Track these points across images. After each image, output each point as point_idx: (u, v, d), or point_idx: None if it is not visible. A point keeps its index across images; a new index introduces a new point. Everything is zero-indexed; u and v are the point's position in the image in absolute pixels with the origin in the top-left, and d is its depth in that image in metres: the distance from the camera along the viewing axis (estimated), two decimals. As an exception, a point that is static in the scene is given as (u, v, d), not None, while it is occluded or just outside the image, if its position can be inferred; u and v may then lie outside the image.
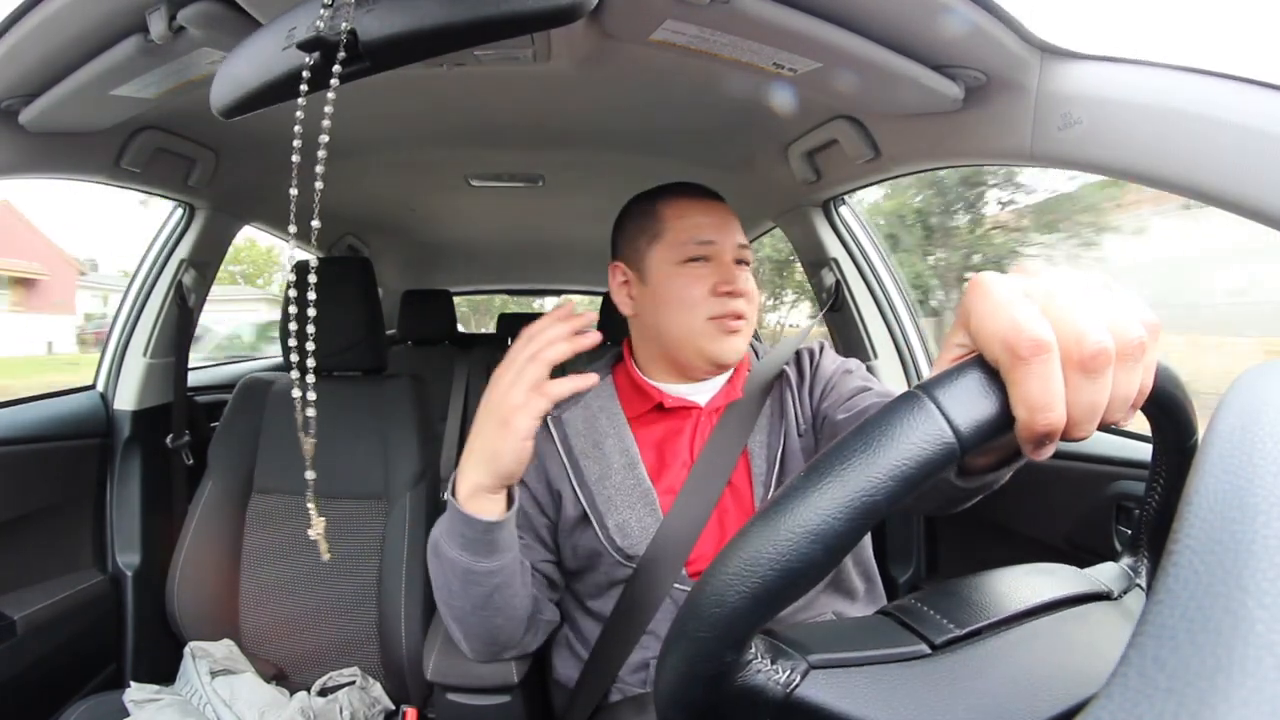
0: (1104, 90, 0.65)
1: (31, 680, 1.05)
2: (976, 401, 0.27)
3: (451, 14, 0.46)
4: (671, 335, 0.80)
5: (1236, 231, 2.18)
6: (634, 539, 0.76)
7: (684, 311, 0.78)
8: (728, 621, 0.26)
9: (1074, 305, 0.28)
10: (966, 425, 0.26)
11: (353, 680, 1.05)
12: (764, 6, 0.64)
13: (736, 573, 0.26)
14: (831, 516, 0.25)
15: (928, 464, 0.25)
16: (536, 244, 2.38)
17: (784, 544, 0.25)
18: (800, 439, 0.80)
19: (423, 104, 1.06)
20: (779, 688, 0.29)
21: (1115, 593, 0.38)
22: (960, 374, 0.28)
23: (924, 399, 0.27)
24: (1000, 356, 0.28)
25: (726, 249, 0.80)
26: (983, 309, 0.29)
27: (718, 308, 0.78)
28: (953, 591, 0.36)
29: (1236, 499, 0.21)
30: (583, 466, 0.80)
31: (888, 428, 0.26)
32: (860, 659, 0.31)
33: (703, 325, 0.78)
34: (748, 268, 0.82)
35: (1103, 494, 0.90)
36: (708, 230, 0.80)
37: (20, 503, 1.10)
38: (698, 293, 0.78)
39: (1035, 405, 0.27)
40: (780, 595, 0.26)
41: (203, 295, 1.38)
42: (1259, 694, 0.17)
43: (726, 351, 0.79)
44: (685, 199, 0.83)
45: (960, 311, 0.31)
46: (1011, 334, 0.27)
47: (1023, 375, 0.27)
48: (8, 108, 0.81)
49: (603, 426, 0.82)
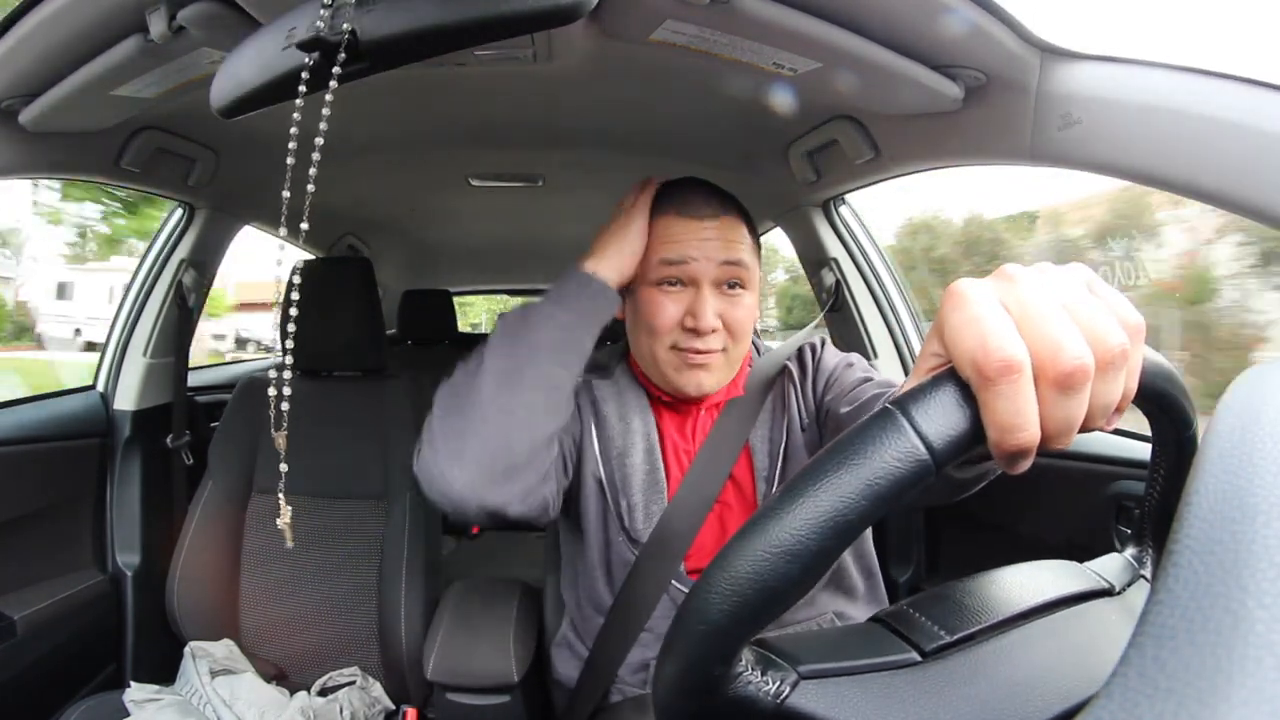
0: (1104, 90, 0.65)
1: (31, 680, 1.05)
2: (949, 417, 0.27)
3: (451, 14, 0.46)
4: (642, 354, 0.79)
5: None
6: (641, 523, 0.76)
7: (650, 337, 0.75)
8: (712, 638, 0.27)
9: (1049, 317, 0.27)
10: (940, 441, 0.26)
11: (353, 680, 1.05)
12: (764, 6, 0.64)
13: (719, 590, 0.26)
14: (805, 536, 0.25)
15: (900, 481, 0.25)
16: (536, 244, 2.38)
17: (761, 563, 0.26)
18: (804, 433, 0.79)
19: (423, 104, 1.06)
20: (769, 699, 0.29)
21: (1117, 587, 0.38)
22: (933, 389, 0.28)
23: (896, 415, 0.26)
24: (970, 375, 0.27)
25: (705, 271, 0.73)
26: (955, 321, 0.28)
27: (682, 340, 0.74)
28: (947, 596, 0.36)
29: (1236, 499, 0.21)
30: (610, 436, 0.79)
31: (861, 445, 0.26)
32: (850, 668, 0.31)
33: (667, 354, 0.75)
34: (741, 291, 0.75)
35: (1103, 494, 0.90)
36: (686, 247, 0.73)
37: (20, 503, 1.10)
38: (664, 319, 0.73)
39: (1004, 426, 0.26)
40: (761, 613, 0.26)
41: (203, 295, 1.38)
42: (1259, 694, 0.17)
43: (688, 385, 0.75)
44: (674, 212, 0.75)
45: (936, 321, 0.30)
46: (980, 354, 0.26)
47: (992, 396, 0.26)
48: (8, 108, 0.81)
49: (630, 403, 0.81)
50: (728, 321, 0.74)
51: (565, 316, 0.68)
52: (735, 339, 0.75)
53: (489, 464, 0.62)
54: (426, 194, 1.73)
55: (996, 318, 0.28)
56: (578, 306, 0.69)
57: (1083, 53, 0.67)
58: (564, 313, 0.68)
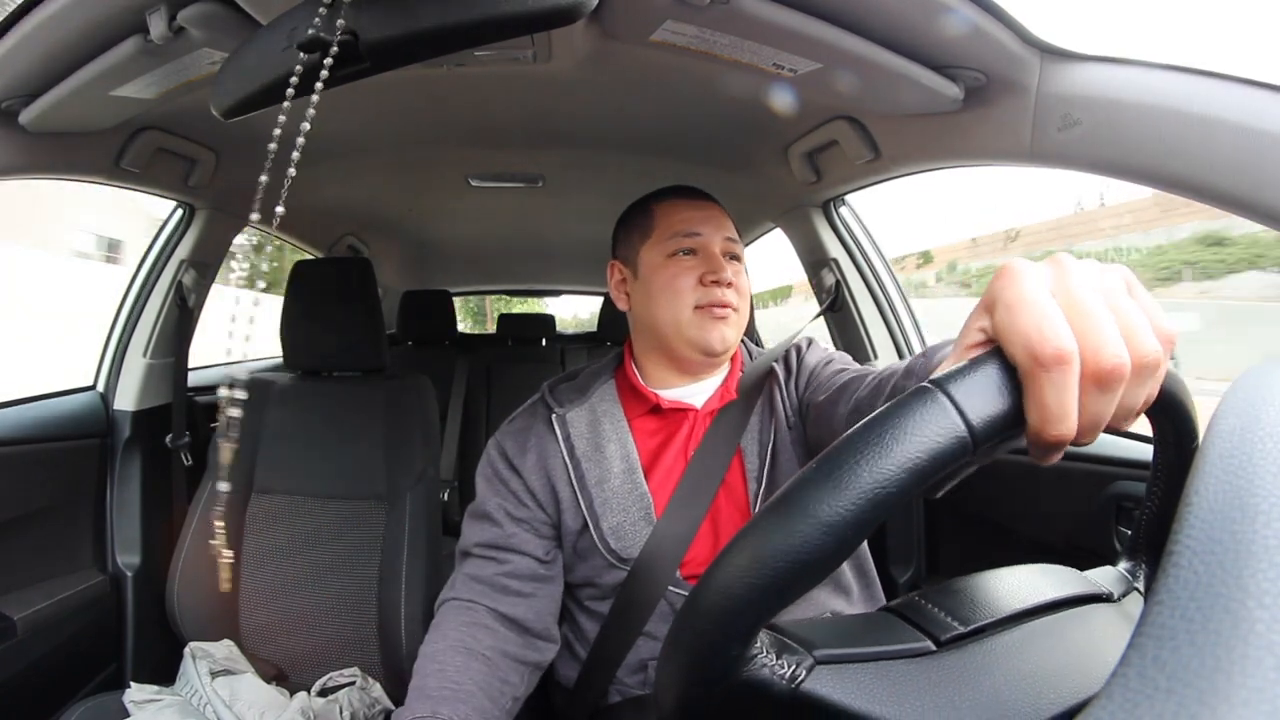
0: (1104, 90, 0.65)
1: (31, 680, 1.05)
2: (992, 400, 0.27)
3: (451, 15, 0.46)
4: (661, 326, 0.81)
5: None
6: (628, 542, 0.77)
7: (671, 301, 0.80)
8: (735, 614, 0.26)
9: (1096, 313, 0.28)
10: (980, 421, 0.26)
11: (353, 680, 1.05)
12: (764, 6, 0.64)
13: (745, 564, 0.26)
14: (843, 508, 0.25)
15: (940, 457, 0.25)
16: (536, 244, 2.38)
17: (795, 535, 0.25)
18: (790, 431, 0.81)
19: (423, 104, 1.06)
20: (784, 683, 0.29)
21: (1115, 595, 0.39)
22: (977, 369, 0.27)
23: (937, 393, 0.26)
24: (1020, 358, 0.27)
25: (713, 241, 0.81)
26: (1010, 299, 0.28)
27: (704, 297, 0.79)
28: (956, 590, 0.36)
29: (1236, 499, 0.21)
30: (584, 469, 0.80)
31: (901, 420, 0.26)
32: (866, 654, 0.31)
33: (690, 315, 0.79)
34: (739, 263, 0.84)
35: (1103, 494, 0.90)
36: (694, 223, 0.82)
37: (20, 503, 1.10)
38: (684, 283, 0.79)
39: (1049, 415, 0.26)
40: (790, 587, 0.26)
41: (203, 295, 1.38)
42: (1259, 694, 0.17)
43: (714, 339, 0.79)
44: (675, 198, 0.85)
45: (986, 297, 0.30)
46: (1036, 338, 0.27)
47: (1042, 383, 0.26)
48: (8, 108, 0.81)
49: (605, 430, 0.82)
50: (734, 284, 0.81)
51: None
52: (742, 298, 0.82)
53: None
54: (426, 194, 1.73)
55: (1051, 304, 0.28)
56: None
57: (1083, 53, 0.67)
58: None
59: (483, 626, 0.75)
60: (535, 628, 0.77)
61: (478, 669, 0.71)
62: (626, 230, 0.88)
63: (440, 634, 0.74)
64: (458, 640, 0.73)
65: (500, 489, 0.82)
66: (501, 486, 0.82)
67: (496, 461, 0.84)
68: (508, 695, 0.72)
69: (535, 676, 0.79)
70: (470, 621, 0.75)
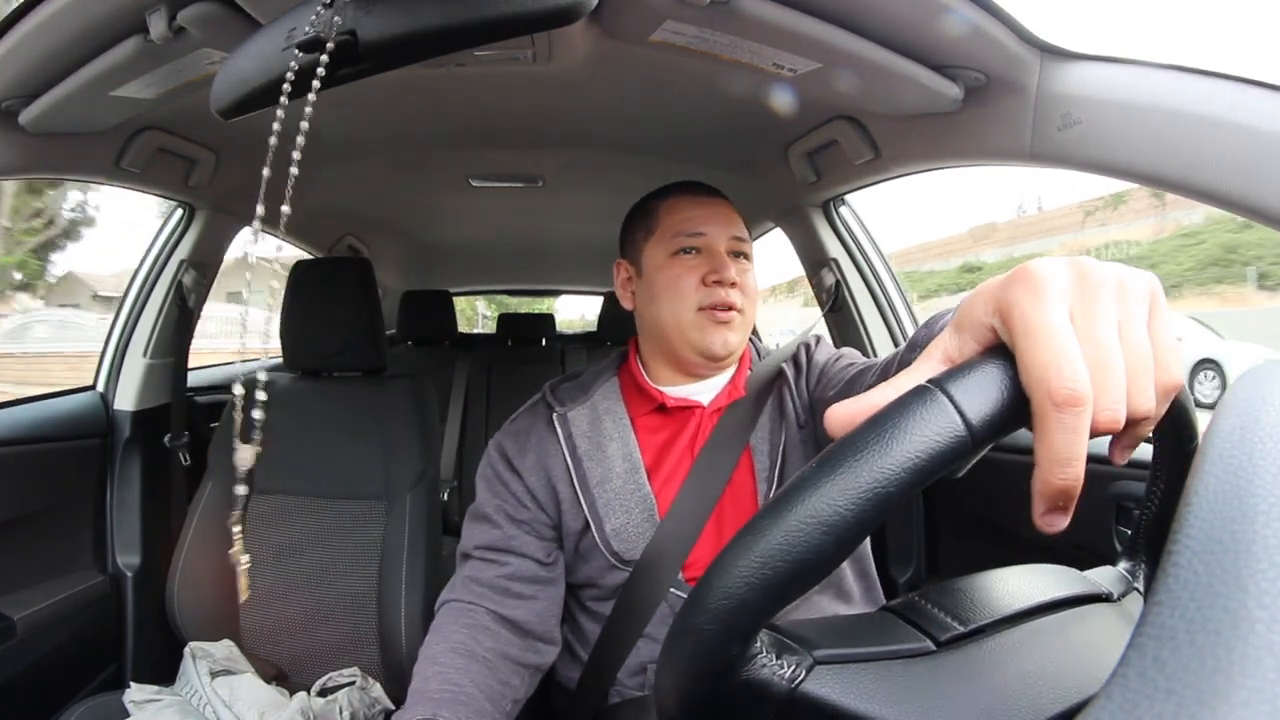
0: (1104, 90, 0.65)
1: (31, 680, 1.05)
2: (991, 398, 0.26)
3: (451, 14, 0.46)
4: (664, 327, 0.80)
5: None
6: (630, 543, 0.76)
7: (674, 301, 0.79)
8: (735, 614, 0.26)
9: (1108, 358, 0.26)
10: (979, 420, 0.26)
11: (353, 680, 1.04)
12: (764, 6, 0.64)
13: (745, 564, 0.26)
14: (843, 507, 0.25)
15: (940, 456, 0.25)
16: (537, 244, 2.38)
17: (795, 534, 0.25)
18: (800, 430, 0.80)
19: (423, 104, 1.06)
20: (784, 683, 0.29)
21: (1115, 595, 0.38)
22: (976, 368, 0.27)
23: (937, 392, 0.26)
24: (1035, 393, 0.25)
25: (718, 240, 0.80)
26: (1032, 324, 0.26)
27: (706, 298, 0.78)
28: (955, 590, 0.36)
29: (1236, 499, 0.21)
30: (586, 468, 0.80)
31: (901, 419, 0.26)
32: (865, 655, 0.31)
33: (692, 316, 0.78)
34: (746, 262, 0.82)
35: (1103, 494, 0.90)
36: (698, 222, 0.80)
37: (20, 503, 1.10)
38: (687, 283, 0.78)
39: (1058, 457, 0.25)
40: (789, 586, 0.26)
41: (203, 296, 1.38)
42: (1259, 694, 0.17)
43: (715, 344, 0.78)
44: (681, 195, 0.84)
45: (1000, 300, 0.28)
46: (1054, 376, 0.25)
47: (1053, 424, 0.25)
48: (8, 108, 0.81)
49: (607, 429, 0.82)
50: (740, 284, 0.79)
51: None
52: (748, 299, 0.80)
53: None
54: (426, 194, 1.73)
55: (1072, 339, 0.26)
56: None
57: (1082, 53, 0.67)
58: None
59: (483, 628, 0.75)
60: (536, 630, 0.77)
61: (478, 671, 0.71)
62: (631, 228, 0.87)
63: (440, 636, 0.74)
64: (458, 642, 0.73)
65: (500, 491, 0.82)
66: (502, 488, 0.82)
67: (496, 463, 0.84)
68: (508, 698, 0.72)
69: (536, 679, 0.78)
70: (470, 623, 0.75)
